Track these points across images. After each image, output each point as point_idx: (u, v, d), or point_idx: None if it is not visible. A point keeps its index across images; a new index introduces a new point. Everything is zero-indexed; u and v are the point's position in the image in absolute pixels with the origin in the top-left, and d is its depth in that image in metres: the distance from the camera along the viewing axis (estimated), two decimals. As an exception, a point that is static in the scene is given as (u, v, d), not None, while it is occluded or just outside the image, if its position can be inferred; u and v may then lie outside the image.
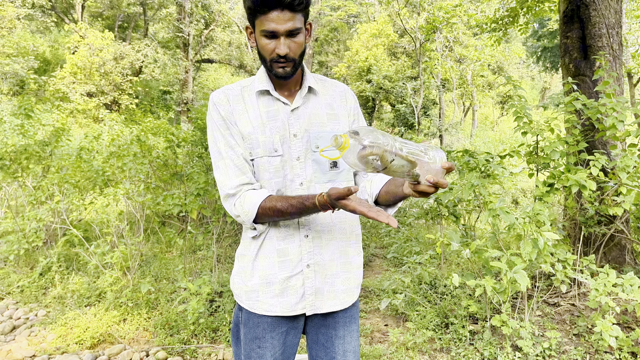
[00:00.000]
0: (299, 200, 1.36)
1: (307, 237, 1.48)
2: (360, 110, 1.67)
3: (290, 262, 1.48)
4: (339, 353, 1.55)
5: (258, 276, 1.50)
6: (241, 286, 1.54)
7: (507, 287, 3.07)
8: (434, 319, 3.62)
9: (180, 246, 5.50)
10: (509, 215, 3.17)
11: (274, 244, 1.48)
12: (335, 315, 1.56)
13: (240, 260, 1.56)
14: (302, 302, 1.49)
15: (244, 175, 1.47)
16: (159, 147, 6.78)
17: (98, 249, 4.39)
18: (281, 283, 1.48)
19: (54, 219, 5.42)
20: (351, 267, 1.56)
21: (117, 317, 3.83)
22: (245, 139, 1.48)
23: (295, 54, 1.42)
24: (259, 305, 1.50)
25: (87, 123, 16.73)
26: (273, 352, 1.50)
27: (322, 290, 1.51)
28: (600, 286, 2.79)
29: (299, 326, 1.56)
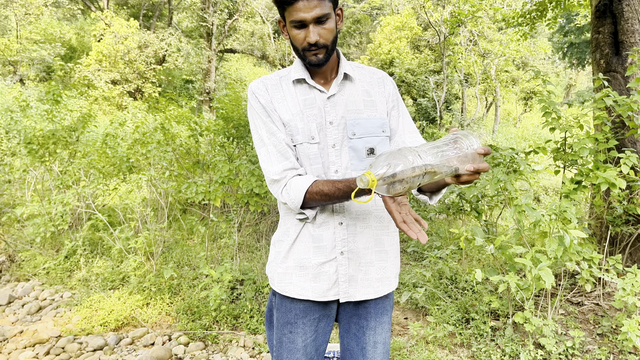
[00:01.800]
0: (346, 184, 1.36)
1: (341, 224, 1.49)
2: (401, 98, 1.65)
3: (324, 249, 1.49)
4: (370, 344, 1.56)
5: (292, 259, 1.52)
6: (275, 269, 1.56)
7: (532, 284, 3.04)
8: (454, 314, 3.61)
9: (202, 234, 5.55)
10: (535, 212, 3.13)
11: (309, 229, 1.50)
12: (368, 306, 1.56)
13: (276, 245, 1.58)
14: (335, 288, 1.50)
15: (287, 161, 1.48)
16: (182, 135, 6.84)
17: (122, 234, 4.46)
18: (314, 268, 1.49)
19: (79, 203, 5.52)
20: (387, 256, 1.56)
21: (140, 301, 3.89)
22: (285, 126, 1.49)
23: (327, 40, 1.43)
24: (292, 289, 1.51)
25: (111, 110, 16.95)
26: (304, 338, 1.52)
27: (355, 277, 1.51)
28: (628, 286, 2.74)
29: (331, 314, 1.57)
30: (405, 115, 1.62)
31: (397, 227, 1.21)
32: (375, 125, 1.52)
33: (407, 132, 1.60)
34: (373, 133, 1.52)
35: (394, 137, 1.58)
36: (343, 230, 1.49)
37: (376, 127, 1.52)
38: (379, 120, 1.53)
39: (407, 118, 1.63)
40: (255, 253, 5.19)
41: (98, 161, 5.75)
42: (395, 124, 1.59)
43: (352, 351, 1.58)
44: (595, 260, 3.23)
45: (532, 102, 20.95)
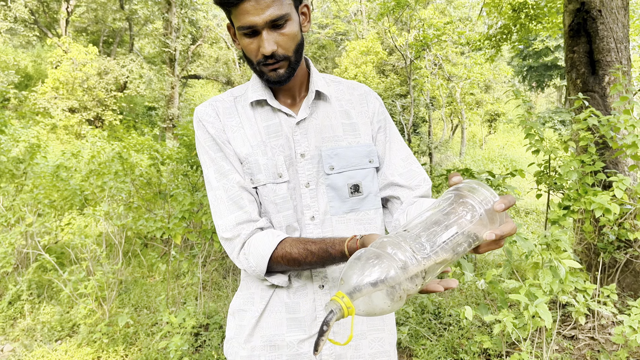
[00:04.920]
0: (322, 247, 1.03)
1: (322, 287, 1.14)
2: (390, 118, 1.31)
3: (302, 322, 1.14)
4: None
5: (260, 337, 1.15)
6: (237, 350, 1.18)
7: (529, 322, 2.77)
8: (442, 355, 3.30)
9: (162, 272, 5.12)
10: (527, 242, 2.88)
11: (281, 296, 1.15)
12: None
13: (237, 317, 1.21)
14: None
15: (241, 211, 1.13)
16: (142, 164, 6.43)
17: (72, 276, 4.00)
18: (290, 348, 1.13)
19: (25, 242, 5.02)
20: (383, 324, 1.21)
21: (90, 355, 3.44)
22: (243, 163, 1.15)
23: (287, 50, 1.09)
24: None
25: (69, 139, 16.26)
26: None
27: (344, 356, 1.15)
28: (635, 323, 2.49)
29: None
30: (394, 139, 1.28)
31: None
32: (358, 154, 1.19)
33: (398, 161, 1.26)
34: (357, 165, 1.18)
35: (380, 169, 1.25)
36: (325, 295, 1.15)
37: (360, 156, 1.19)
38: (363, 147, 1.20)
39: (398, 143, 1.29)
40: (222, 290, 4.79)
41: (47, 195, 5.27)
42: (382, 151, 1.26)
43: None
44: (589, 291, 2.99)
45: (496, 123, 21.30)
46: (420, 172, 1.27)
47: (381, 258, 0.70)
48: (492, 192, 0.82)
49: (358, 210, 1.18)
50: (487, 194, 0.81)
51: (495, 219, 0.80)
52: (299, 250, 1.05)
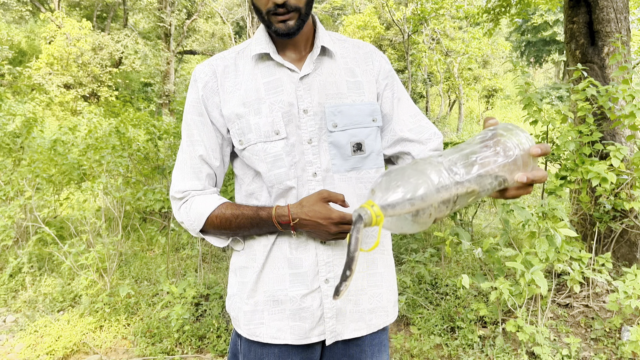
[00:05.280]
0: (253, 209, 1.10)
1: (324, 243, 1.15)
2: (397, 77, 1.30)
3: (305, 277, 1.15)
4: None
5: (263, 292, 1.17)
6: (240, 306, 1.20)
7: (525, 289, 2.81)
8: (439, 323, 3.36)
9: (162, 244, 5.16)
10: (524, 211, 2.91)
11: (284, 252, 1.16)
12: (361, 343, 1.22)
13: (239, 274, 1.23)
14: (320, 326, 1.16)
15: (198, 181, 1.19)
16: (139, 139, 6.41)
17: (72, 249, 4.02)
18: (293, 302, 1.15)
19: (25, 216, 5.04)
20: (381, 281, 1.22)
21: (92, 324, 3.48)
22: (233, 124, 1.16)
23: (300, 1, 1.08)
24: (264, 331, 1.16)
25: (65, 116, 16.15)
26: None
27: (344, 310, 1.17)
28: (630, 289, 2.54)
29: (314, 357, 1.22)
30: (402, 96, 1.28)
31: None
32: (362, 113, 1.19)
33: (406, 118, 1.25)
34: (360, 123, 1.18)
35: (388, 126, 1.25)
36: (327, 251, 1.16)
37: (364, 115, 1.19)
38: (367, 106, 1.19)
39: (406, 100, 1.28)
40: (221, 263, 4.83)
41: (45, 169, 5.27)
42: (389, 108, 1.25)
43: None
44: (584, 259, 3.04)
45: (494, 99, 21.22)
46: (429, 126, 1.26)
47: (416, 176, 0.70)
48: (528, 137, 0.81)
49: (360, 169, 1.19)
50: (523, 137, 0.81)
51: (528, 164, 0.80)
52: (232, 212, 1.11)
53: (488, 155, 0.77)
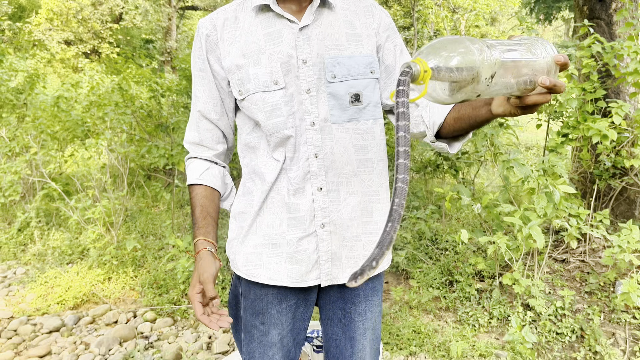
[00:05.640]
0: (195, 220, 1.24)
1: (320, 190, 1.18)
2: (397, 31, 1.30)
3: (301, 221, 1.19)
4: (359, 332, 1.28)
5: (262, 235, 1.21)
6: (239, 249, 1.25)
7: (522, 244, 2.87)
8: (437, 277, 3.44)
9: (167, 201, 5.23)
10: (524, 167, 2.94)
11: (283, 197, 1.19)
12: (356, 287, 1.25)
13: (239, 219, 1.27)
14: (315, 270, 1.20)
15: (197, 133, 1.28)
16: (142, 97, 6.39)
17: (79, 204, 4.10)
18: (290, 245, 1.19)
19: (31, 171, 5.10)
20: (377, 229, 1.25)
21: (101, 276, 3.59)
22: (234, 75, 1.19)
23: None
24: (262, 272, 1.21)
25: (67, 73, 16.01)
26: (280, 330, 1.24)
27: (339, 255, 1.21)
28: (624, 243, 2.59)
29: (311, 298, 1.28)
30: (404, 49, 1.28)
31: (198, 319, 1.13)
32: (360, 64, 1.20)
33: None
34: (358, 75, 1.19)
35: (390, 77, 1.26)
36: (323, 197, 1.19)
37: (362, 66, 1.20)
38: (365, 58, 1.21)
39: (407, 53, 1.29)
40: (225, 219, 4.91)
41: (49, 125, 5.29)
42: (392, 59, 1.26)
43: (338, 340, 1.31)
44: (582, 216, 3.08)
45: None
46: None
47: (461, 45, 0.72)
48: (551, 46, 0.83)
49: (357, 120, 1.21)
50: (549, 46, 0.82)
51: (551, 72, 0.81)
52: (192, 205, 1.26)
53: (521, 50, 0.78)
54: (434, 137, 1.17)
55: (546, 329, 2.78)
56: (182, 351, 2.68)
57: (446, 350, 2.70)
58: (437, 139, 1.17)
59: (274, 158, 1.20)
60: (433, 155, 5.15)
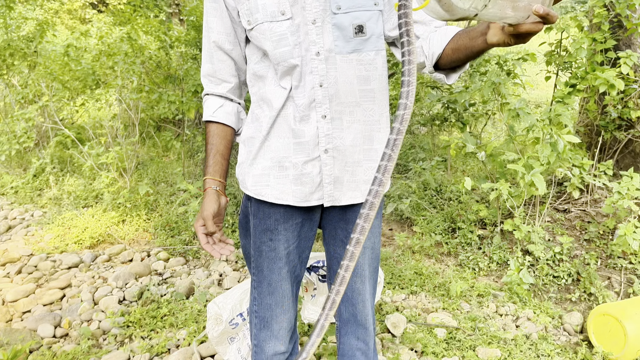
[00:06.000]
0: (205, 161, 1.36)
1: (324, 117, 1.25)
2: None
3: (306, 146, 1.27)
4: None
5: (270, 158, 1.29)
6: (248, 170, 1.33)
7: (523, 191, 2.94)
8: (440, 224, 3.54)
9: (177, 150, 5.32)
10: (529, 116, 2.97)
11: (289, 123, 1.26)
12: (356, 209, 1.36)
13: (247, 144, 1.35)
14: (318, 191, 1.29)
15: (210, 65, 1.35)
16: (151, 47, 6.38)
17: (92, 150, 4.20)
18: (296, 168, 1.28)
19: (44, 119, 5.19)
20: (377, 156, 1.33)
21: (115, 218, 3.72)
22: (243, 4, 1.24)
23: None
24: (269, 192, 1.30)
25: (74, 25, 15.87)
26: (287, 245, 1.33)
27: (341, 179, 1.30)
28: (624, 190, 2.65)
29: (315, 218, 1.38)
30: None
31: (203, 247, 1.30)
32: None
33: None
34: (362, 6, 1.23)
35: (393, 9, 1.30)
36: (327, 124, 1.26)
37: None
38: None
39: None
40: (234, 168, 5.00)
41: (60, 73, 5.33)
42: None
43: (340, 259, 1.40)
44: (585, 166, 3.13)
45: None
46: None
47: None
48: None
49: (360, 51, 1.25)
50: None
51: (545, 3, 0.85)
52: (205, 142, 1.37)
53: None
54: (433, 67, 1.22)
55: (543, 272, 2.89)
56: (194, 285, 2.83)
57: (446, 290, 2.82)
58: (435, 70, 1.22)
59: (281, 86, 1.25)
60: (441, 109, 5.17)
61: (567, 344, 2.37)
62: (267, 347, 1.38)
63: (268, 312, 1.36)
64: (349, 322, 1.43)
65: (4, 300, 2.70)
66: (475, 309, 2.66)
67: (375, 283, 1.46)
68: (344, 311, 1.43)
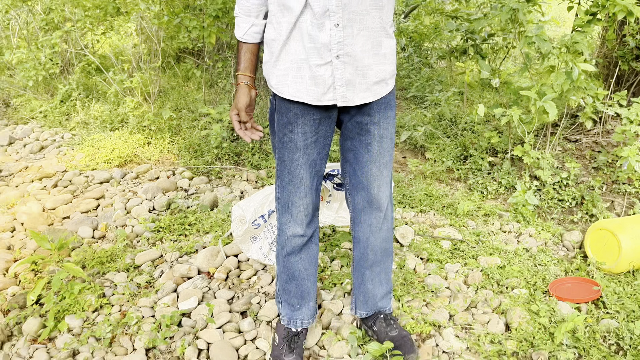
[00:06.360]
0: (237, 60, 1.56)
1: (337, 25, 1.39)
2: None
3: (320, 51, 1.41)
4: (375, 139, 1.55)
5: (289, 60, 1.45)
6: (272, 70, 1.50)
7: (535, 117, 3.02)
8: (453, 151, 3.65)
9: (197, 79, 5.42)
10: (546, 43, 3.00)
11: (307, 28, 1.40)
12: (370, 104, 1.53)
13: (270, 45, 1.50)
14: (331, 92, 1.45)
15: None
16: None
17: (117, 76, 4.33)
18: (310, 70, 1.43)
19: (68, 46, 5.29)
20: (385, 59, 1.49)
21: (141, 140, 3.91)
22: None
23: None
24: (287, 90, 1.47)
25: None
26: (305, 138, 1.50)
27: (353, 82, 1.45)
28: (633, 115, 2.73)
29: (332, 117, 1.54)
30: None
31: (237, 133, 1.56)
32: None
33: None
34: None
35: None
36: (339, 32, 1.39)
37: None
38: None
39: None
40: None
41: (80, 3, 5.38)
42: None
43: (355, 150, 1.57)
44: (600, 96, 3.18)
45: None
46: None
47: None
48: None
49: None
50: None
51: None
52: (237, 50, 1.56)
53: None
54: None
55: (549, 195, 3.02)
56: (218, 199, 3.03)
57: (454, 210, 2.99)
58: None
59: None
60: (460, 41, 5.14)
61: (565, 257, 2.53)
62: (287, 229, 1.58)
63: (288, 197, 1.54)
64: (363, 210, 1.62)
65: (44, 208, 2.94)
66: (481, 226, 2.82)
67: (391, 172, 1.62)
68: (358, 200, 1.62)
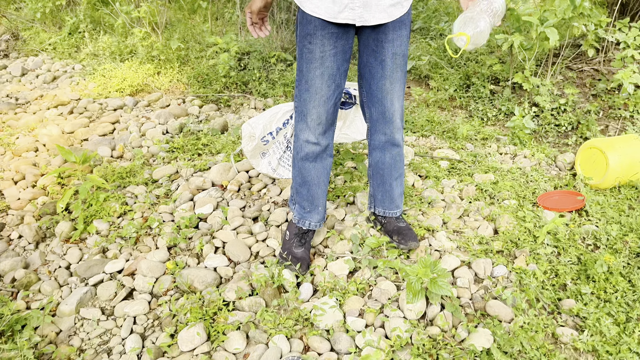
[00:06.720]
0: None
1: None
2: None
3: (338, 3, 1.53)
4: (388, 56, 1.66)
5: None
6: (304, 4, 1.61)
7: (536, 43, 3.08)
8: (456, 80, 3.73)
9: (204, 10, 5.42)
10: (550, -32, 3.01)
11: None
12: (385, 24, 1.63)
13: None
14: (347, 12, 1.55)
15: None
16: None
17: (124, 6, 4.36)
18: None
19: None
20: None
21: (151, 70, 4.00)
22: None
23: None
24: (308, 5, 1.58)
25: None
26: (322, 50, 1.61)
27: (370, 4, 1.56)
28: (630, 39, 2.78)
29: (350, 33, 1.64)
30: None
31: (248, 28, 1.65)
32: None
33: None
34: None
35: None
36: None
37: None
38: None
39: None
40: (259, 30, 5.12)
41: None
42: None
43: (371, 66, 1.70)
44: (602, 23, 3.21)
45: None
46: None
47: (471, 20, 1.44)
48: None
49: None
50: None
51: None
52: None
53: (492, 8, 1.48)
54: None
55: (546, 121, 3.12)
56: (227, 123, 3.16)
57: (453, 134, 3.11)
58: None
59: None
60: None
61: (557, 176, 2.68)
62: (301, 135, 1.74)
63: (304, 106, 1.69)
64: (377, 121, 1.78)
65: (63, 131, 3.09)
66: (479, 148, 2.95)
67: (404, 87, 1.75)
68: (374, 112, 1.77)
